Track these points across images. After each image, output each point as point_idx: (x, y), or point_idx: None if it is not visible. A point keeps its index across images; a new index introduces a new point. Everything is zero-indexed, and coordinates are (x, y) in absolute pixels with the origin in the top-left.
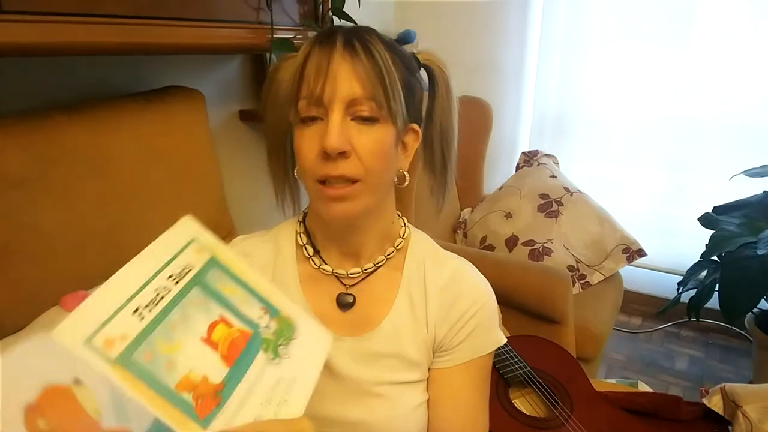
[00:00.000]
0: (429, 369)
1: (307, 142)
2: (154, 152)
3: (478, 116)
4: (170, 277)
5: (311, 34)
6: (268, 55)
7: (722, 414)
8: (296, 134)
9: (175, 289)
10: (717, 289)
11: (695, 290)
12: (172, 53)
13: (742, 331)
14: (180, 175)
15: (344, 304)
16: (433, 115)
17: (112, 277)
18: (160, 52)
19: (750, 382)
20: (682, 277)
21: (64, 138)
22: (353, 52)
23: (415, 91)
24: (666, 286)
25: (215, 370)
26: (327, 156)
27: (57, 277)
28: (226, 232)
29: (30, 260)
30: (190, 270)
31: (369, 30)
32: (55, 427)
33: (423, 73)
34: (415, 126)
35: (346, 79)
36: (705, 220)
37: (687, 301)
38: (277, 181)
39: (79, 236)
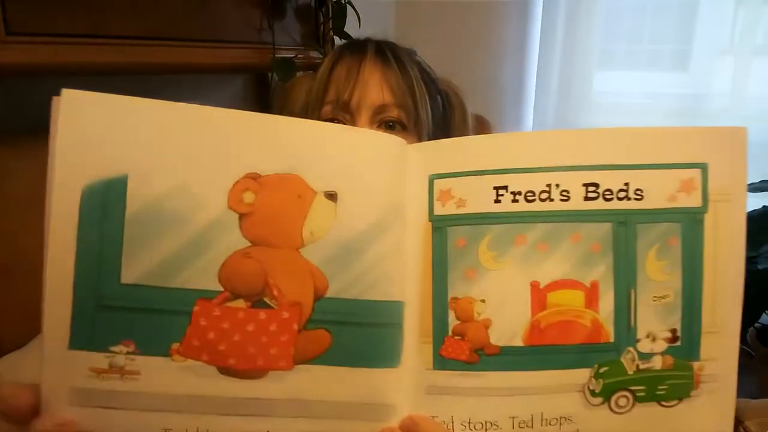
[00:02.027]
0: None
1: None
2: None
3: (477, 132)
4: (591, 186)
5: (312, 53)
6: (270, 74)
7: None
8: None
9: (581, 204)
10: None
11: None
12: (176, 73)
13: (744, 346)
14: None
15: None
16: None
17: (519, 134)
18: (164, 72)
19: (753, 398)
20: None
21: None
22: (385, 59)
23: (435, 110)
24: None
25: (508, 330)
26: None
27: None
28: None
29: (32, 280)
30: (640, 198)
31: (395, 43)
32: (260, 210)
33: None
34: None
35: (376, 85)
36: None
37: None
38: None
39: None
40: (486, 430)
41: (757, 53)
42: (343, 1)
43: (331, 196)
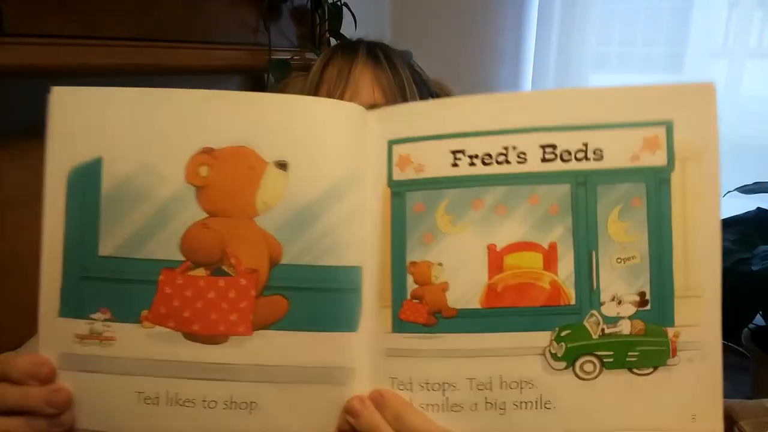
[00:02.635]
0: None
1: None
2: None
3: None
4: (548, 147)
5: (308, 55)
6: (266, 76)
7: None
8: None
9: (538, 166)
10: None
11: None
12: (172, 75)
13: (739, 348)
14: None
15: None
16: None
17: (476, 97)
18: (159, 74)
19: (748, 398)
20: None
21: None
22: (376, 60)
23: None
24: None
25: (466, 293)
26: None
27: None
28: None
29: (27, 281)
30: (599, 159)
31: (388, 45)
32: (215, 183)
33: None
34: None
35: (367, 85)
36: None
37: None
38: None
39: None
40: (444, 391)
41: (750, 56)
42: (339, 3)
43: (282, 165)
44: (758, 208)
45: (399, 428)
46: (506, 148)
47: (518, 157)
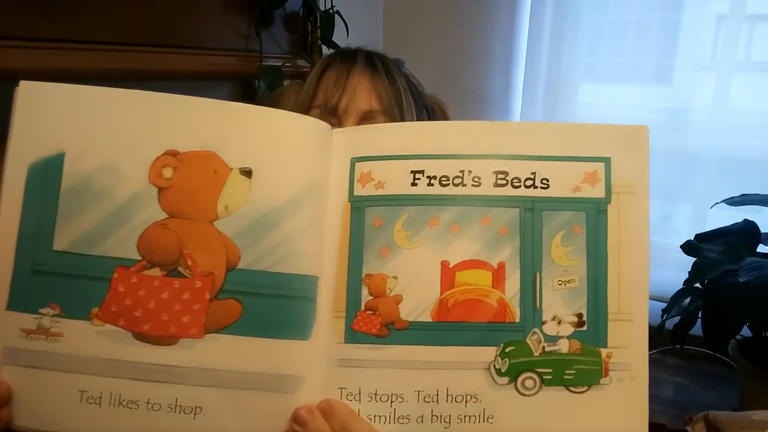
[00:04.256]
0: None
1: None
2: None
3: None
4: (500, 173)
5: (300, 62)
6: (257, 82)
7: None
8: None
9: (491, 190)
10: (700, 316)
11: (679, 317)
12: (163, 80)
13: (726, 359)
14: None
15: None
16: None
17: (436, 123)
18: (150, 79)
19: (735, 410)
20: (666, 304)
21: None
22: (374, 67)
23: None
24: (650, 313)
25: (418, 306)
26: None
27: None
28: None
29: None
30: (546, 187)
31: (385, 55)
32: (178, 185)
33: None
34: None
35: (364, 92)
36: (687, 248)
37: (671, 328)
38: None
39: None
40: (392, 402)
41: (738, 69)
42: (331, 11)
43: (246, 172)
44: (745, 220)
45: None
46: (462, 172)
47: (473, 180)
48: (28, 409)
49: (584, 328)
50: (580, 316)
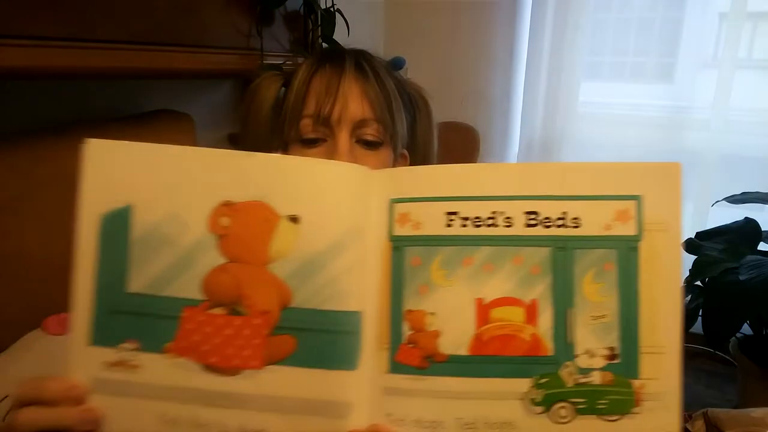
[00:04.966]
0: None
1: None
2: None
3: (467, 142)
4: (531, 214)
5: (301, 60)
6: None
7: None
8: (294, 154)
9: (522, 230)
10: (701, 314)
11: None
12: (163, 78)
13: (726, 356)
14: None
15: None
16: (416, 145)
17: (470, 166)
18: (150, 77)
19: (735, 407)
20: None
21: (53, 160)
22: (364, 74)
23: (407, 118)
24: None
25: (455, 341)
26: None
27: (39, 301)
28: None
29: (12, 284)
30: (576, 226)
31: (371, 54)
32: (234, 232)
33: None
34: (405, 152)
35: (356, 99)
36: (688, 246)
37: None
38: None
39: (66, 259)
40: (433, 428)
41: (739, 67)
42: (332, 9)
43: (294, 219)
44: (746, 218)
45: None
46: (495, 213)
47: (505, 221)
48: (117, 430)
49: (616, 360)
50: (612, 349)
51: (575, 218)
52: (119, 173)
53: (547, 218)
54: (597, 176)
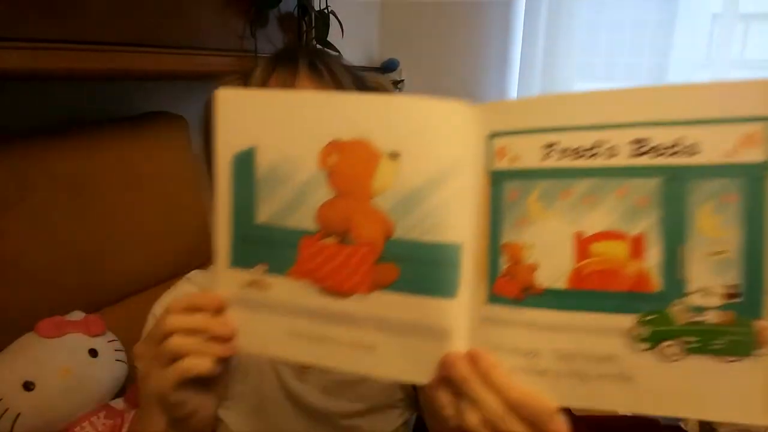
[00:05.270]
0: None
1: None
2: (137, 178)
3: None
4: (639, 142)
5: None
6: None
7: None
8: None
9: (627, 161)
10: None
11: None
12: (157, 80)
13: None
14: (163, 201)
15: None
16: None
17: (571, 94)
18: (144, 79)
19: None
20: None
21: (47, 162)
22: (319, 73)
23: None
24: None
25: (552, 273)
26: None
27: (34, 303)
28: (205, 259)
29: (6, 286)
30: (693, 154)
31: (327, 52)
32: (340, 169)
33: None
34: None
35: None
36: None
37: None
38: None
39: (59, 262)
40: (530, 358)
41: (732, 67)
42: (326, 11)
43: (394, 156)
44: None
45: (486, 384)
46: (597, 143)
47: (608, 151)
48: (249, 340)
49: (737, 299)
50: (732, 287)
51: (691, 145)
52: (243, 118)
53: (657, 146)
54: (718, 96)
